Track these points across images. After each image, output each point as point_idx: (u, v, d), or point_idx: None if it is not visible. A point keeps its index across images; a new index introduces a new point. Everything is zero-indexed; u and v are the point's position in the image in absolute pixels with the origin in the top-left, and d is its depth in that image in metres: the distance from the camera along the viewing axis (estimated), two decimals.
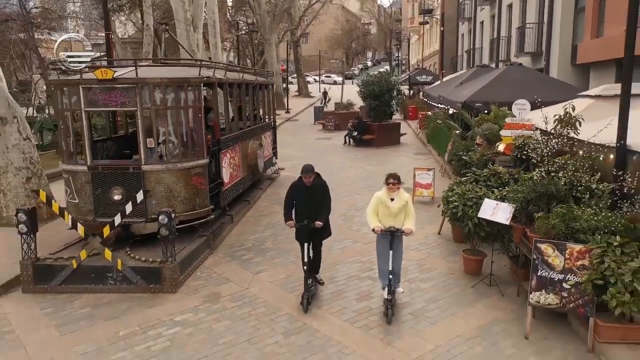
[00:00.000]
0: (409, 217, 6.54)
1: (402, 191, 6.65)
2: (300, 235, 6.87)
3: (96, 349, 5.75)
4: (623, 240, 5.41)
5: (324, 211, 6.77)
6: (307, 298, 6.54)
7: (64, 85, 7.89)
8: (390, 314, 6.23)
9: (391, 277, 6.39)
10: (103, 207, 7.94)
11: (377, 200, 6.62)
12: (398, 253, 6.60)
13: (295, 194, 6.80)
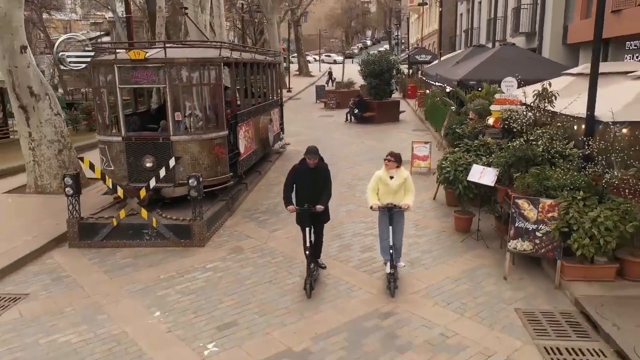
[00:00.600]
0: (408, 193, 6.67)
1: (401, 169, 6.75)
2: (301, 219, 6.72)
3: (143, 288, 6.84)
4: (585, 195, 6.46)
5: (325, 195, 6.62)
6: (309, 283, 6.45)
7: (100, 65, 8.85)
8: (392, 287, 6.43)
9: (392, 252, 6.57)
10: (136, 174, 8.97)
11: (376, 178, 6.76)
12: (399, 228, 6.75)
13: (297, 177, 6.65)
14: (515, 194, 7.00)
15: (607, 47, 15.59)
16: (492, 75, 14.01)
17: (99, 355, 5.27)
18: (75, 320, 6.01)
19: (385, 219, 6.72)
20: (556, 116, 8.08)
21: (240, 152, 10.43)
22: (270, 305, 6.27)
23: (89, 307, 6.34)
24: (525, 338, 5.47)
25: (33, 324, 5.97)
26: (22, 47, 10.68)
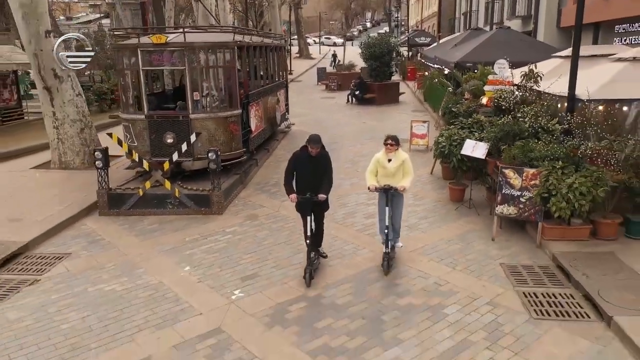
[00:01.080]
0: (407, 175, 6.79)
1: (400, 151, 6.88)
2: (302, 207, 6.67)
3: (171, 248, 7.71)
4: (564, 165, 7.30)
5: (326, 183, 6.54)
6: (309, 272, 6.42)
7: (124, 49, 9.62)
8: (386, 265, 6.68)
9: (387, 232, 6.76)
10: (157, 149, 9.79)
11: (375, 161, 6.90)
12: (397, 210, 6.94)
13: (298, 165, 6.55)
14: (502, 165, 7.84)
15: (597, 30, 16.33)
16: (487, 57, 14.71)
17: (142, 300, 6.16)
18: (116, 274, 6.89)
19: (383, 200, 6.89)
20: (542, 95, 8.89)
21: (252, 129, 11.24)
22: (286, 261, 7.15)
23: (126, 263, 7.22)
24: (507, 286, 6.35)
25: (79, 276, 6.85)
26: (46, 31, 11.41)
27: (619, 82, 8.08)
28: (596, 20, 15.81)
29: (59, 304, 6.12)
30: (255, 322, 5.63)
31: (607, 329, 5.37)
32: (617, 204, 7.38)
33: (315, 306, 5.96)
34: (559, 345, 5.11)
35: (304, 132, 16.62)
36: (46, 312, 5.94)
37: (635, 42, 13.76)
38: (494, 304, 5.93)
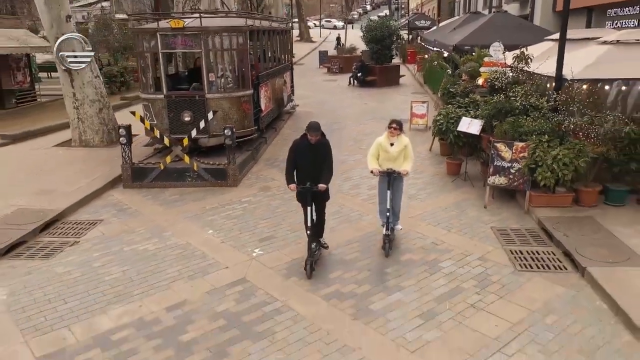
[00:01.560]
0: (408, 159, 6.89)
1: (402, 136, 6.95)
2: (302, 197, 6.57)
3: (194, 215, 8.51)
4: (549, 138, 8.05)
5: (326, 173, 6.41)
6: (310, 263, 6.33)
7: (144, 33, 10.30)
8: (387, 247, 6.82)
9: (388, 215, 6.89)
10: (176, 127, 10.53)
11: (377, 144, 6.97)
12: (398, 193, 7.08)
13: (298, 153, 6.41)
14: (494, 139, 8.60)
15: (590, 14, 16.96)
16: (484, 40, 15.35)
17: (173, 257, 6.97)
18: (146, 236, 7.69)
19: (384, 184, 7.00)
20: (532, 75, 9.61)
21: (262, 109, 11.97)
22: (299, 226, 7.91)
23: (154, 227, 8.02)
24: (496, 245, 7.16)
25: (114, 239, 7.65)
26: (67, 16, 12.07)
27: (602, 63, 8.80)
28: (589, 5, 16.44)
29: (101, 260, 6.93)
30: (275, 273, 6.45)
31: (581, 278, 6.19)
32: (597, 174, 8.17)
33: (325, 262, 6.77)
34: (538, 291, 5.93)
35: (309, 112, 17.39)
36: (90, 266, 6.76)
37: (625, 25, 14.43)
38: (483, 259, 6.74)
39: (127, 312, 5.65)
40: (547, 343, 4.96)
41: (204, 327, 5.34)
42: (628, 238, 6.94)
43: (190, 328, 5.34)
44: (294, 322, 5.39)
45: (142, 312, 5.64)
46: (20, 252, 7.27)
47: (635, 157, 7.86)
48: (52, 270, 6.68)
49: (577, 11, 17.58)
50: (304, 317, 5.49)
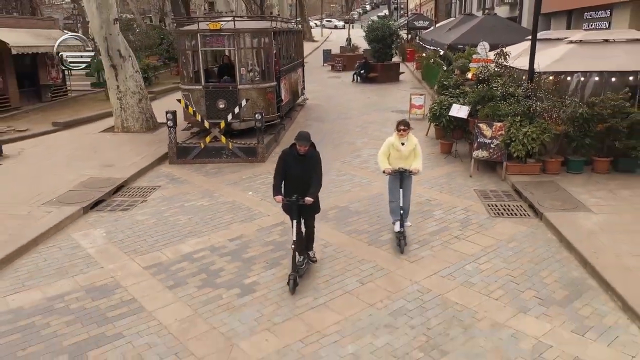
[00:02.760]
0: (417, 158, 7.19)
1: (411, 136, 7.23)
2: (289, 210, 6.35)
3: (234, 182, 10.46)
4: (521, 119, 10.02)
5: (315, 185, 6.19)
6: (293, 279, 6.10)
7: (186, 34, 12.27)
8: (402, 244, 7.11)
9: (402, 212, 7.24)
10: (212, 113, 12.47)
11: (388, 144, 7.23)
12: (408, 191, 7.36)
13: (286, 164, 6.20)
14: (478, 120, 10.57)
15: (570, 17, 18.96)
16: (475, 40, 17.27)
17: (225, 209, 8.93)
18: (199, 196, 9.65)
19: (396, 182, 7.24)
20: (510, 69, 11.59)
21: (282, 99, 13.94)
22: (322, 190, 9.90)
23: (204, 191, 9.98)
24: (477, 201, 9.11)
25: (174, 198, 9.61)
26: (114, 19, 14.02)
27: (566, 59, 10.79)
28: (569, 8, 18.44)
29: (169, 212, 8.90)
30: None
31: (539, 221, 8.16)
32: (560, 147, 10.15)
33: (344, 212, 8.74)
34: (506, 229, 7.90)
35: (318, 105, 19.38)
36: (162, 215, 8.72)
37: (599, 26, 16.42)
38: (466, 209, 8.71)
39: (200, 242, 7.62)
40: (507, 257, 6.94)
41: (259, 250, 7.32)
42: (578, 194, 8.92)
43: (249, 250, 7.32)
44: (325, 247, 7.37)
45: (212, 242, 7.61)
46: (103, 207, 9.23)
47: (589, 134, 9.84)
48: (133, 218, 8.64)
49: (559, 13, 19.64)
50: (332, 244, 7.47)
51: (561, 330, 5.28)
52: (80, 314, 5.77)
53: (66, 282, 6.52)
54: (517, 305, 5.78)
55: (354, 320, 5.58)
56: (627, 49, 10.89)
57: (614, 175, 9.91)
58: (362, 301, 5.95)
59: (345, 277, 6.54)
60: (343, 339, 5.25)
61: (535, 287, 6.16)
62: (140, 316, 5.71)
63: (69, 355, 5.06)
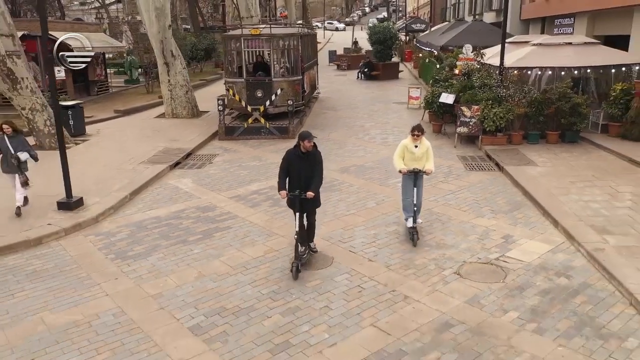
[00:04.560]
0: (430, 159, 7.85)
1: (424, 139, 7.90)
2: (292, 204, 6.90)
3: (273, 151, 13.69)
4: (492, 103, 13.28)
5: (316, 181, 6.71)
6: (296, 266, 6.66)
7: (231, 38, 15.55)
8: (415, 238, 7.70)
9: (415, 209, 7.77)
10: (252, 100, 15.71)
11: (402, 147, 7.88)
12: (421, 190, 7.93)
13: (290, 162, 6.78)
14: (461, 104, 13.83)
15: (544, 22, 22.28)
16: (463, 42, 20.54)
17: (274, 168, 12.13)
18: (251, 160, 12.89)
19: (410, 182, 7.83)
20: (486, 65, 14.88)
21: (305, 90, 17.22)
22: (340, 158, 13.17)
23: (253, 156, 13.23)
24: (458, 162, 12.36)
25: (232, 161, 12.84)
26: (168, 25, 17.28)
27: (528, 57, 14.08)
28: (543, 15, 21.77)
29: (231, 168, 12.16)
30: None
31: (501, 173, 11.42)
32: (521, 124, 13.43)
33: (361, 168, 11.98)
34: (476, 177, 11.16)
35: (329, 97, 22.67)
36: (228, 171, 11.98)
37: (565, 31, 19.72)
38: (449, 167, 11.98)
39: (261, 185, 10.87)
40: (475, 191, 10.20)
41: None
42: (531, 156, 12.19)
43: None
44: (350, 186, 10.63)
45: (269, 185, 10.81)
46: (181, 167, 12.47)
47: (543, 114, 13.12)
48: (207, 172, 11.90)
49: (536, 20, 22.98)
50: (355, 185, 10.73)
51: (502, 223, 8.56)
52: (198, 218, 9.03)
53: (179, 205, 9.78)
54: (477, 213, 9.05)
55: (372, 219, 8.83)
56: (576, 50, 14.18)
57: (561, 145, 13.20)
58: (378, 212, 9.22)
59: (366, 201, 9.82)
60: (367, 227, 8.50)
61: (490, 205, 9.44)
62: (237, 220, 8.97)
63: (203, 235, 8.30)
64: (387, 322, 5.75)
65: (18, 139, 8.96)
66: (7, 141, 8.81)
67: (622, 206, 8.81)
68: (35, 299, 6.39)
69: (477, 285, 6.53)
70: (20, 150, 8.81)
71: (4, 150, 8.83)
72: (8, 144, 8.80)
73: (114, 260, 7.47)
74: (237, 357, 5.19)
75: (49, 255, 7.64)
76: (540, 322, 5.68)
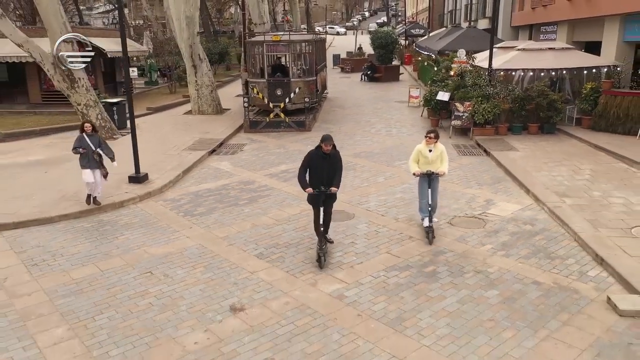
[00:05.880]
0: (444, 162, 8.21)
1: (438, 143, 8.25)
2: (314, 200, 7.53)
3: (295, 141, 15.90)
4: (482, 100, 15.52)
5: (337, 177, 7.39)
6: (322, 255, 7.34)
7: (255, 43, 17.81)
8: (431, 237, 8.07)
9: (430, 209, 8.14)
10: (272, 98, 17.91)
11: (417, 151, 8.31)
12: (436, 191, 8.34)
13: (312, 163, 7.43)
14: (455, 101, 16.06)
15: (532, 29, 24.55)
16: (459, 47, 22.87)
17: (297, 153, 14.34)
18: (276, 148, 15.09)
19: (425, 183, 8.21)
20: (477, 67, 17.12)
21: (318, 89, 19.46)
22: (352, 146, 15.38)
23: (277, 145, 15.44)
24: (452, 149, 14.55)
25: (259, 149, 15.04)
26: (197, 32, 19.51)
27: (513, 60, 16.33)
28: (530, 23, 24.03)
29: (261, 154, 14.36)
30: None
31: (488, 157, 13.64)
32: (506, 118, 15.66)
33: (370, 154, 14.19)
34: (467, 160, 13.37)
35: (337, 97, 24.92)
36: (258, 156, 14.19)
37: (550, 37, 21.96)
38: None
39: (288, 166, 13.04)
40: (465, 170, 12.41)
41: None
42: (514, 144, 14.42)
43: None
44: (362, 167, 12.83)
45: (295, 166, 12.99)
46: (217, 153, 14.68)
47: (524, 109, 15.36)
48: (240, 157, 14.11)
49: (524, 27, 25.24)
50: (365, 166, 12.92)
51: (485, 192, 10.77)
52: (242, 189, 11.23)
53: (224, 180, 11.98)
54: (466, 185, 11.26)
55: (382, 189, 11.03)
56: (554, 54, 16.43)
57: (540, 135, 15.44)
58: (387, 185, 11.41)
59: (376, 177, 12.03)
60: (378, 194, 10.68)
61: (477, 180, 11.65)
62: (273, 190, 11.17)
63: (248, 201, 10.49)
64: (397, 251, 7.96)
65: (96, 137, 9.87)
66: (88, 139, 9.67)
67: (581, 179, 11.05)
68: (135, 240, 8.57)
69: (464, 230, 8.74)
70: (99, 147, 9.70)
71: (86, 147, 9.60)
72: (89, 141, 9.65)
73: (184, 216, 9.66)
74: (292, 270, 7.39)
75: (133, 214, 9.84)
76: (507, 250, 7.90)
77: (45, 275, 7.33)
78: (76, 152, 9.64)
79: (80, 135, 9.77)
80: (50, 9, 14.51)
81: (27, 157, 14.13)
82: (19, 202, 10.25)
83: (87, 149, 9.61)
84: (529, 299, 6.47)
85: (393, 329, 5.88)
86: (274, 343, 5.65)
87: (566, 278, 6.98)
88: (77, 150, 9.61)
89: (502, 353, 5.40)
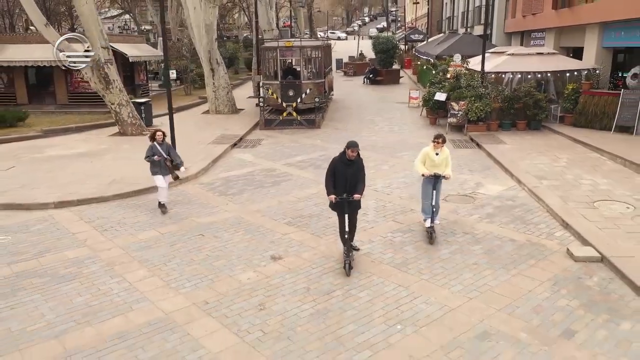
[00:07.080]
0: (449, 165, 8.51)
1: (444, 147, 8.49)
2: (339, 207, 7.41)
3: (306, 136, 17.65)
4: (475, 99, 17.28)
5: (361, 184, 7.31)
6: (348, 263, 7.37)
7: (269, 48, 19.61)
8: (434, 237, 8.45)
9: (434, 210, 8.44)
10: (285, 98, 19.68)
11: (424, 154, 8.59)
12: (439, 193, 8.65)
13: (337, 169, 7.32)
14: (451, 101, 17.82)
15: (523, 36, 26.36)
16: (456, 51, 24.68)
17: (310, 147, 16.09)
18: (290, 142, 16.84)
19: (429, 185, 8.47)
20: (471, 70, 18.91)
21: (326, 90, 21.24)
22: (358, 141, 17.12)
23: (291, 139, 17.18)
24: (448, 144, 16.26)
25: (275, 143, 16.78)
26: (215, 38, 21.30)
27: (503, 64, 18.12)
28: (521, 30, 25.85)
29: (277, 147, 16.11)
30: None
31: (480, 149, 15.40)
32: (497, 115, 17.43)
33: (375, 146, 15.93)
34: (461, 152, 15.11)
35: (341, 99, 26.72)
36: (274, 149, 15.93)
37: (539, 43, 23.76)
38: None
39: (304, 157, 14.79)
40: (459, 160, 14.13)
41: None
42: (503, 138, 16.19)
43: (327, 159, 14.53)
44: (369, 157, 14.58)
45: (309, 157, 14.75)
46: (238, 147, 16.43)
47: (513, 107, 17.13)
48: (260, 150, 15.86)
49: (516, 33, 27.06)
50: (373, 157, 14.69)
51: (475, 177, 12.51)
52: (266, 175, 12.97)
53: (249, 168, 13.72)
54: (459, 172, 12.96)
55: (387, 175, 12.75)
56: (541, 58, 18.21)
57: (527, 131, 17.21)
58: (391, 172, 13.16)
59: (381, 165, 13.78)
60: (383, 179, 12.42)
61: (469, 167, 13.40)
62: (293, 176, 12.91)
63: (272, 184, 12.22)
64: (401, 219, 9.71)
65: (165, 144, 10.17)
66: (159, 147, 9.99)
67: (558, 166, 12.81)
68: (182, 213, 10.30)
69: (456, 205, 10.49)
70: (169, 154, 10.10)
71: (158, 155, 9.93)
72: (160, 149, 10.00)
73: (220, 195, 11.40)
74: (316, 232, 9.13)
75: (175, 194, 11.57)
76: (491, 219, 9.64)
77: (117, 237, 9.07)
78: (149, 160, 10.00)
79: (152, 144, 10.06)
80: (91, 18, 16.28)
81: (70, 150, 15.88)
82: (75, 185, 11.98)
83: (160, 157, 10.00)
84: (506, 250, 8.22)
85: (399, 269, 7.62)
86: (308, 279, 7.38)
87: (537, 237, 8.72)
88: (150, 159, 9.97)
89: (482, 284, 7.14)
